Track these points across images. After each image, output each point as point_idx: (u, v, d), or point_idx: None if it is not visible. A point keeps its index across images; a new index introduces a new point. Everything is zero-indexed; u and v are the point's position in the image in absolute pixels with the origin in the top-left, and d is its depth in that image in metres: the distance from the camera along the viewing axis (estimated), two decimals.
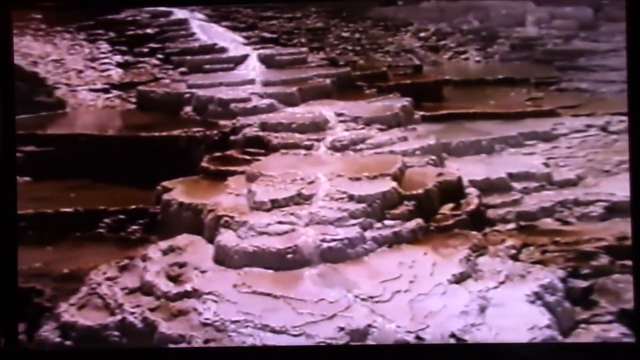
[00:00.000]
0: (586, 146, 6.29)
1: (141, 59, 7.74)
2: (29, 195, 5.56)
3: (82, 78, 7.44)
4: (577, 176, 5.90)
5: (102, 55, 7.76)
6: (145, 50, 7.80)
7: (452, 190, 5.44)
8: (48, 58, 7.62)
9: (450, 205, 5.34)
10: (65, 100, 7.15)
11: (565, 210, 5.52)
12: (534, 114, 6.80)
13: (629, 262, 4.62)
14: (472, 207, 5.32)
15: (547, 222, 5.43)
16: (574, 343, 4.47)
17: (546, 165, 6.02)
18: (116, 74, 7.55)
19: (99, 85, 7.36)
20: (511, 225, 5.35)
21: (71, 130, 6.57)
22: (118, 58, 7.72)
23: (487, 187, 5.63)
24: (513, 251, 4.98)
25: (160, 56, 7.71)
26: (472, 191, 5.51)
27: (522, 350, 4.28)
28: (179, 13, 8.26)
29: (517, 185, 5.75)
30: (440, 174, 5.52)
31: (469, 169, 5.78)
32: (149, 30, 7.98)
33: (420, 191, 5.25)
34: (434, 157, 5.81)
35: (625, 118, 4.86)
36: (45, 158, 6.23)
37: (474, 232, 5.12)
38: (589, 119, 6.58)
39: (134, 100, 7.15)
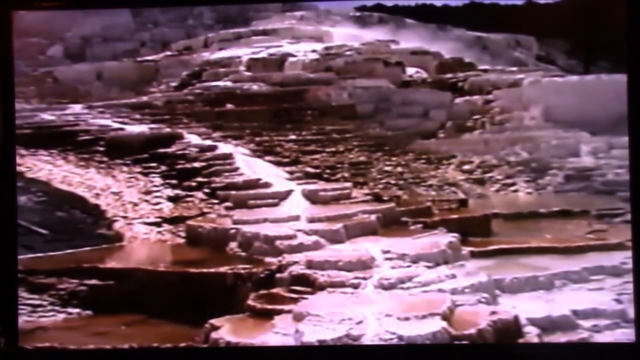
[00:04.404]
0: None
1: (189, 193, 7.93)
2: (91, 330, 5.73)
3: (137, 211, 7.67)
4: None
5: (155, 189, 8.01)
6: (193, 184, 8.02)
7: (508, 329, 5.14)
8: (108, 190, 7.95)
9: None
10: (122, 233, 7.33)
11: None
12: (599, 247, 6.48)
13: None
14: None
15: None
16: (575, 343, 4.47)
17: (618, 301, 5.63)
18: (167, 207, 7.74)
19: (151, 219, 7.53)
20: None
21: (128, 264, 6.67)
22: (169, 192, 7.96)
23: (548, 325, 5.28)
24: None
25: (206, 190, 7.89)
26: (531, 330, 5.20)
27: (523, 351, 4.34)
28: (224, 148, 8.51)
29: (584, 323, 5.36)
30: (493, 313, 5.28)
31: (526, 307, 5.50)
32: (196, 164, 8.25)
33: (472, 331, 5.00)
34: (485, 295, 5.58)
35: None
36: (106, 292, 6.34)
37: None
38: None
39: (183, 234, 7.22)
